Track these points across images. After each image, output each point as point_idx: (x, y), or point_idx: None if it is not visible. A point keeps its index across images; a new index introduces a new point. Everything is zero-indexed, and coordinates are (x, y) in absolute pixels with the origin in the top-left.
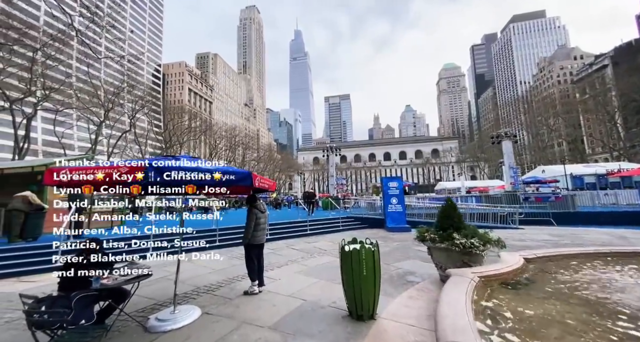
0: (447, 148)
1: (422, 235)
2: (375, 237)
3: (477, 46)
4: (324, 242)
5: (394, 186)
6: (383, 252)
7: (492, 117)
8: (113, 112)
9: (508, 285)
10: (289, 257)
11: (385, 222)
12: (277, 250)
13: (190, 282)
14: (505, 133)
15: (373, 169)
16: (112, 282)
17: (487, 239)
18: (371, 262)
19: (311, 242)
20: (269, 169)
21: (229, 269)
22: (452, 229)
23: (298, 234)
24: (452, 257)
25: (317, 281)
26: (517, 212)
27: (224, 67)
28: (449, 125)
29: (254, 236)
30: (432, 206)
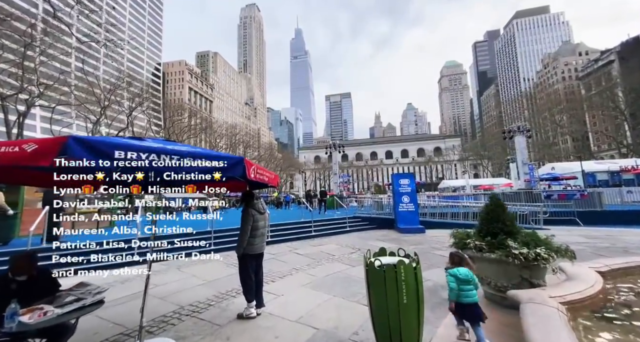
0: (449, 146)
1: (463, 242)
2: (387, 240)
3: (479, 43)
4: (331, 246)
5: (406, 183)
6: None
7: (495, 115)
8: (111, 110)
9: (602, 315)
10: (293, 265)
11: (395, 222)
12: (279, 255)
13: (173, 299)
14: (518, 128)
15: (375, 167)
16: (38, 319)
17: (556, 249)
18: (413, 284)
19: (317, 245)
20: (269, 167)
21: (223, 280)
22: (503, 234)
23: (302, 236)
24: (507, 271)
25: (330, 297)
26: (541, 211)
27: (224, 66)
28: (450, 124)
29: (251, 244)
30: (445, 204)
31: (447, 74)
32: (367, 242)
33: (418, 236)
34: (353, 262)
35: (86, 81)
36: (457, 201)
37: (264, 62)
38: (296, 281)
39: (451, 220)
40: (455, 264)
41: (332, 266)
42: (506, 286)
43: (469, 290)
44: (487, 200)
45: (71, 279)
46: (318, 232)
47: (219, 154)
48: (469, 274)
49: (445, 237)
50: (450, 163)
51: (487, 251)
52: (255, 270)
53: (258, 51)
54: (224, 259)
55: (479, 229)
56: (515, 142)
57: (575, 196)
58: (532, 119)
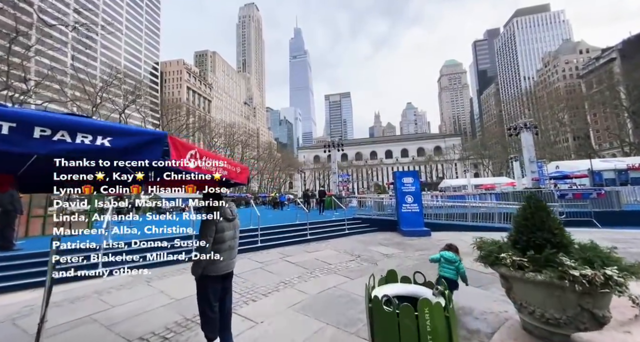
0: (449, 145)
1: (494, 256)
2: (389, 244)
3: (479, 42)
4: (328, 251)
5: (409, 182)
6: (407, 267)
7: (495, 114)
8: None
9: None
10: (282, 276)
11: (398, 224)
12: (268, 264)
13: (124, 327)
14: (524, 124)
15: (375, 167)
16: None
17: (630, 268)
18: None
19: (312, 251)
20: (268, 167)
21: (193, 298)
22: (550, 246)
23: (296, 240)
24: (561, 299)
25: (322, 326)
26: (557, 212)
27: (223, 65)
28: (450, 123)
29: (213, 263)
30: (451, 204)
31: (447, 73)
32: (368, 247)
33: (424, 239)
34: (352, 273)
35: (77, 78)
36: (463, 201)
37: (263, 62)
38: (283, 300)
39: (458, 221)
40: (447, 249)
41: (327, 279)
42: (558, 318)
43: (449, 268)
44: (496, 199)
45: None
46: (314, 236)
47: (120, 127)
48: (455, 257)
49: (453, 241)
50: (450, 162)
51: (532, 269)
52: (221, 296)
53: (257, 50)
54: None
55: (513, 240)
56: (522, 139)
57: (591, 195)
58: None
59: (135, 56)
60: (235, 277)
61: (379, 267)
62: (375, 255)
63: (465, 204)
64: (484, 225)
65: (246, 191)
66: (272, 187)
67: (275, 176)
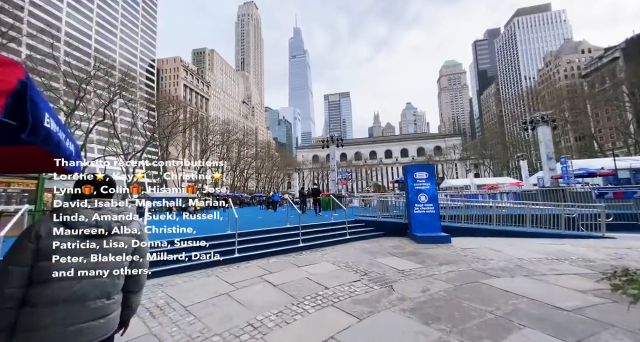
0: (450, 145)
1: None
2: (403, 254)
3: (479, 42)
4: (323, 265)
5: (423, 178)
6: (439, 295)
7: (496, 114)
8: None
9: None
10: (253, 312)
11: (409, 228)
12: (240, 287)
13: None
14: (542, 117)
15: (374, 166)
16: None
17: None
18: None
19: (303, 264)
20: (266, 166)
21: None
22: None
23: (285, 248)
24: None
25: None
26: (602, 214)
27: (221, 64)
28: (449, 123)
29: (28, 327)
30: (470, 204)
31: (447, 73)
32: (376, 259)
33: (443, 248)
34: (359, 307)
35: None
36: (484, 201)
37: (262, 61)
38: None
39: (479, 224)
40: None
41: (321, 318)
42: None
43: None
44: (515, 198)
45: None
46: (308, 243)
47: None
48: None
49: (483, 251)
50: (451, 162)
51: None
52: None
53: (256, 49)
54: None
55: None
56: (539, 133)
57: (636, 194)
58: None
59: (131, 52)
60: (181, 309)
61: (398, 294)
62: (387, 271)
63: (489, 203)
64: (512, 229)
65: (242, 190)
66: (270, 186)
67: (273, 175)
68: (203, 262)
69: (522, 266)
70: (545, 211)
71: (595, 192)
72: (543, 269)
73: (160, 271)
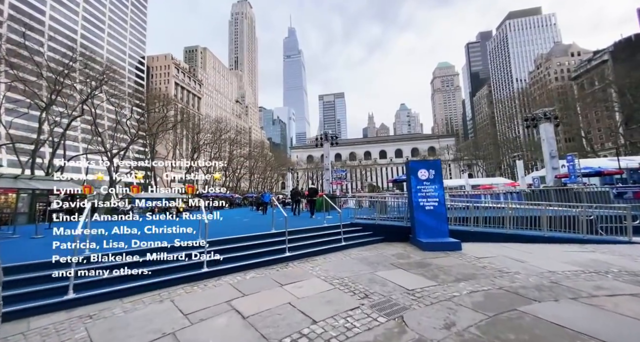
0: (443, 146)
1: None
2: (409, 266)
3: (472, 44)
4: (313, 283)
5: (428, 176)
6: (472, 335)
7: (488, 115)
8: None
9: None
10: None
11: (413, 232)
12: (195, 319)
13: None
14: (544, 114)
15: (369, 167)
16: None
17: None
18: None
19: (288, 281)
20: (259, 166)
21: None
22: None
23: (267, 259)
24: None
25: None
26: (628, 216)
27: (214, 62)
28: (443, 125)
29: None
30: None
31: (440, 75)
32: (377, 272)
33: (455, 256)
34: None
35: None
36: (495, 202)
37: (256, 60)
38: None
39: (490, 227)
40: None
41: None
42: None
43: None
44: (517, 198)
45: None
46: (295, 252)
47: None
48: None
49: (502, 261)
50: (445, 163)
51: None
52: None
53: (250, 48)
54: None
55: None
56: (541, 131)
57: None
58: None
59: (119, 49)
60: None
61: (414, 333)
62: (393, 292)
63: (501, 204)
64: (527, 234)
65: (233, 190)
66: (263, 187)
67: (267, 175)
68: (159, 281)
69: (559, 283)
70: (559, 213)
71: (614, 192)
72: (587, 287)
73: (99, 294)
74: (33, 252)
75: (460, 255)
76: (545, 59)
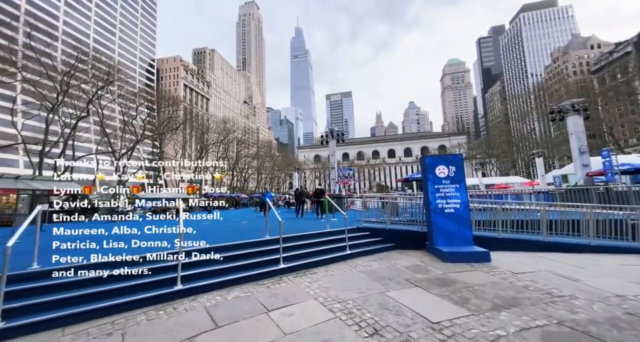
0: (454, 144)
1: None
2: (429, 283)
3: (483, 39)
4: (308, 309)
5: (447, 173)
6: None
7: (501, 112)
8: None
9: None
10: None
11: (430, 239)
12: None
13: None
14: (572, 106)
15: (377, 166)
16: None
17: None
18: None
19: (277, 305)
20: (267, 166)
21: None
22: None
23: (258, 272)
24: None
25: None
26: None
27: (222, 63)
28: (453, 122)
29: None
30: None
31: (450, 72)
32: (390, 293)
33: (484, 270)
34: None
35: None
36: (526, 203)
37: (263, 61)
38: None
39: (521, 233)
40: None
41: None
42: None
43: None
44: (547, 199)
45: None
46: (291, 263)
47: None
48: None
49: (549, 278)
50: None
51: None
52: None
53: (257, 49)
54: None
55: None
56: (569, 124)
57: None
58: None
59: (130, 52)
60: None
61: None
62: (412, 326)
63: (537, 205)
64: (568, 241)
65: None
66: (271, 187)
67: (274, 175)
68: (119, 303)
69: (638, 315)
70: (601, 216)
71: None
72: None
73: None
74: None
75: (491, 268)
76: (563, 52)
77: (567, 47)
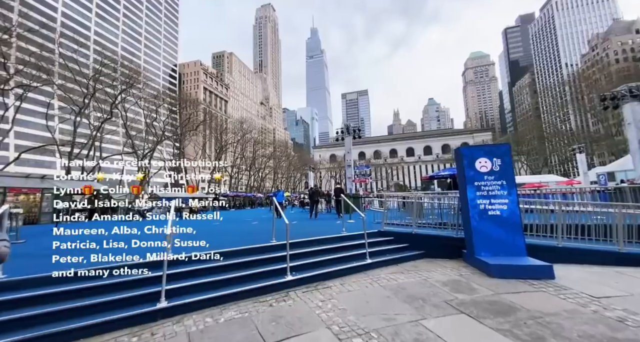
0: (478, 141)
1: None
2: (478, 309)
3: (510, 29)
4: (324, 340)
5: (491, 166)
6: None
7: (531, 106)
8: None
9: None
10: None
11: (467, 247)
12: None
13: None
14: (629, 90)
15: (395, 165)
16: None
17: None
18: None
19: (278, 336)
20: (283, 166)
21: None
22: None
23: (260, 285)
24: None
25: None
26: None
27: (240, 66)
28: (476, 119)
29: None
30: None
31: (472, 66)
32: (426, 322)
33: (550, 291)
34: None
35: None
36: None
37: (279, 62)
38: None
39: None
40: None
41: None
42: None
43: None
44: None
45: None
46: (301, 273)
47: None
48: None
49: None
50: None
51: None
52: None
53: (273, 51)
54: None
55: None
56: (626, 112)
57: None
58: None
59: (155, 58)
60: None
61: None
62: None
63: (610, 208)
64: None
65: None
66: (287, 186)
67: (290, 175)
68: (90, 324)
69: None
70: None
71: None
72: None
73: None
74: None
75: (557, 288)
76: (603, 39)
77: (607, 33)
